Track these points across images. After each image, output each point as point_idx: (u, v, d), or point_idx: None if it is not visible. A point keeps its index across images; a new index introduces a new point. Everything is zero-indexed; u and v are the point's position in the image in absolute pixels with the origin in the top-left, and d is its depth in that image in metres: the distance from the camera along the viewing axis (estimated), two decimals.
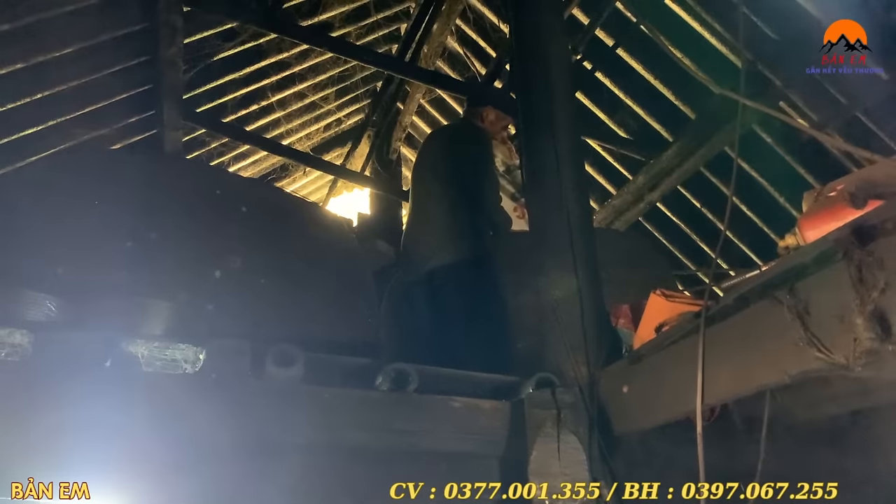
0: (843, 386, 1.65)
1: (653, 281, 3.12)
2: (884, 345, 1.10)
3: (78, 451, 1.48)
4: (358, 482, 1.74)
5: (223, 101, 4.68)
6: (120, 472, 1.50)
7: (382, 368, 1.81)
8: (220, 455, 1.59)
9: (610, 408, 1.88)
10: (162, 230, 2.22)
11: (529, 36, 2.63)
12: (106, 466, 1.48)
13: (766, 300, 1.35)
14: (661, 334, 1.77)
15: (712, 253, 4.61)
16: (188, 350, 1.59)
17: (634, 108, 4.44)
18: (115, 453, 1.49)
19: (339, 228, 2.90)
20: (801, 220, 1.53)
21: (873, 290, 1.13)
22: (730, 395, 1.49)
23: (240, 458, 1.61)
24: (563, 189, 2.29)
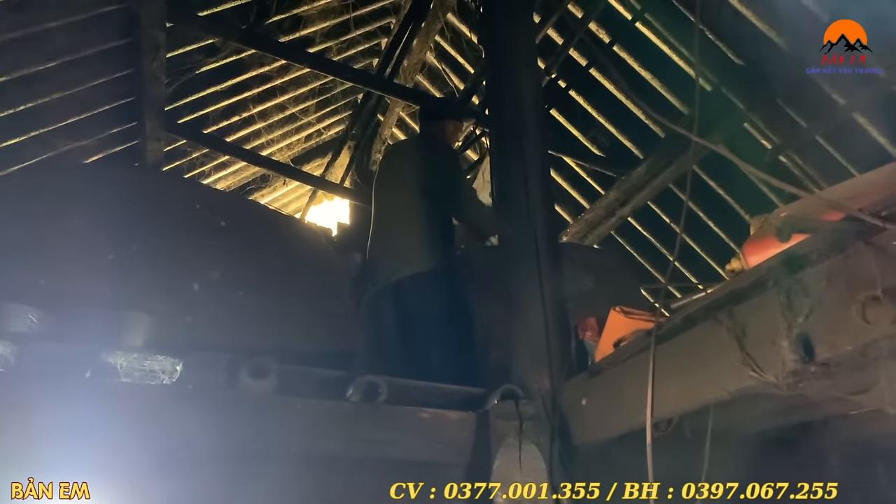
0: (791, 400, 1.72)
1: (621, 295, 3.23)
2: (807, 366, 1.20)
3: (59, 458, 1.54)
4: (330, 489, 1.81)
5: (205, 112, 4.75)
6: (99, 478, 1.56)
7: (354, 380, 1.89)
8: (198, 462, 1.66)
9: (570, 419, 1.98)
10: (142, 243, 2.28)
11: (502, 63, 2.73)
12: (85, 472, 1.54)
13: (709, 321, 1.45)
14: (617, 350, 1.86)
15: (681, 267, 4.74)
16: (166, 361, 1.65)
17: (607, 125, 4.57)
18: (94, 459, 1.56)
19: (315, 241, 2.97)
20: (746, 246, 1.64)
21: (799, 315, 1.23)
22: (678, 409, 1.58)
23: (217, 465, 1.68)
24: (530, 208, 2.39)
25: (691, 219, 4.50)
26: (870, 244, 1.12)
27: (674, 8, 3.53)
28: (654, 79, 4.04)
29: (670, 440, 1.95)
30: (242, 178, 6.07)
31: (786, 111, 3.51)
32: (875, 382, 1.20)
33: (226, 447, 1.71)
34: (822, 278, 1.20)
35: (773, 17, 3.34)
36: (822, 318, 1.19)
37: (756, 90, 3.51)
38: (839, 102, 3.31)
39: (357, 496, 1.85)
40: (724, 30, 3.53)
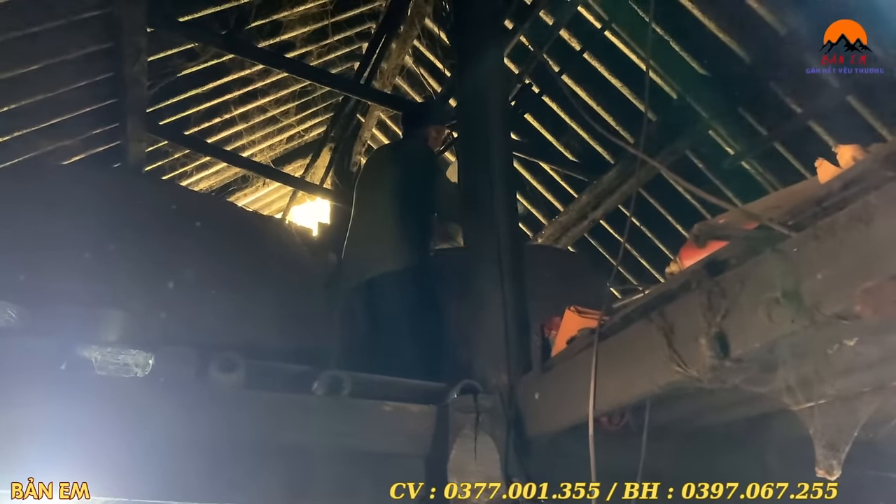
0: (733, 395, 1.81)
1: (589, 295, 3.34)
2: (723, 362, 1.31)
3: (35, 448, 1.63)
4: (295, 478, 1.91)
5: (186, 114, 4.82)
6: (74, 467, 1.65)
7: (319, 375, 1.99)
8: (171, 452, 1.75)
9: (524, 412, 2.09)
10: (119, 243, 2.37)
11: (471, 69, 2.83)
12: (61, 461, 1.63)
13: (644, 320, 1.56)
14: (568, 346, 1.97)
15: (651, 269, 4.88)
16: (139, 355, 1.74)
17: (579, 131, 4.69)
18: (70, 449, 1.65)
19: (290, 241, 3.07)
20: (682, 250, 1.75)
21: (718, 314, 1.35)
22: (617, 402, 1.69)
23: (188, 455, 1.77)
24: (495, 211, 2.50)
25: (658, 221, 4.64)
26: (776, 251, 1.23)
27: (640, 17, 3.65)
28: (623, 87, 4.17)
29: (621, 434, 2.07)
30: (224, 179, 6.14)
31: (747, 119, 3.64)
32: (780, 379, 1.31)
33: (197, 438, 1.80)
34: (737, 281, 1.31)
35: (736, 29, 3.47)
36: (736, 317, 1.30)
37: (719, 99, 3.64)
38: (797, 111, 3.45)
39: (322, 484, 1.95)
40: (689, 41, 3.65)
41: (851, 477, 1.37)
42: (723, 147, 3.89)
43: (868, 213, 1.02)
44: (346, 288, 3.11)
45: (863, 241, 1.03)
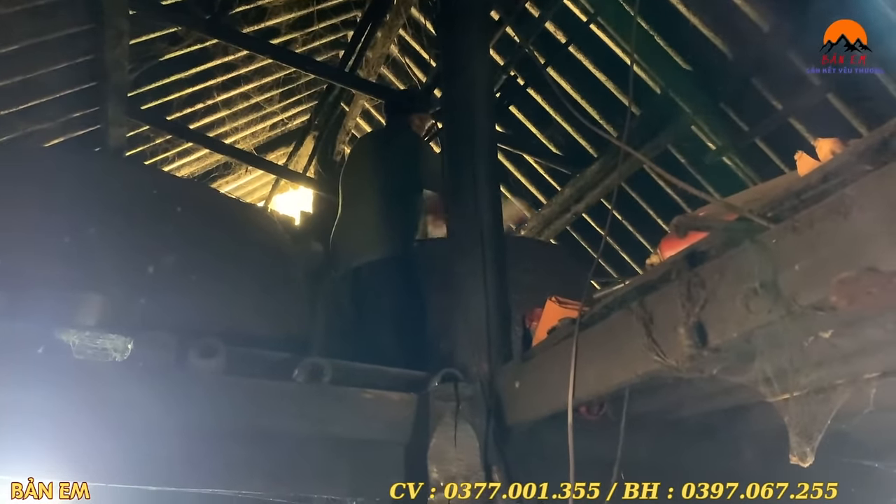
0: (711, 385, 1.83)
1: (570, 287, 3.37)
2: (701, 351, 1.33)
3: (10, 431, 1.61)
4: (275, 464, 1.91)
5: (168, 99, 4.77)
6: (50, 451, 1.64)
7: (300, 362, 1.99)
8: (150, 437, 1.74)
9: (504, 401, 2.10)
10: (99, 227, 2.34)
11: (456, 60, 2.83)
12: (38, 445, 1.62)
13: (624, 310, 1.58)
14: (548, 336, 1.99)
15: (632, 262, 4.92)
16: (117, 340, 1.73)
17: (563, 124, 4.71)
18: (46, 433, 1.64)
19: (272, 229, 3.05)
20: (663, 242, 1.77)
21: (697, 305, 1.36)
22: (596, 391, 1.70)
23: (168, 440, 1.76)
24: (478, 203, 2.50)
25: (639, 215, 4.68)
26: (755, 242, 1.25)
27: (625, 11, 3.67)
28: (608, 80, 4.19)
29: (600, 423, 2.09)
30: (206, 165, 6.09)
31: (729, 115, 3.68)
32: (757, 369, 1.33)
33: (176, 423, 1.79)
34: (716, 272, 1.33)
35: (719, 25, 3.50)
36: (715, 307, 1.31)
37: (702, 94, 3.67)
38: (777, 108, 3.49)
39: (301, 471, 1.95)
40: (673, 36, 3.68)
41: (824, 464, 1.39)
42: (704, 142, 3.93)
43: (845, 206, 1.04)
44: (333, 276, 3.12)
45: (840, 233, 1.04)
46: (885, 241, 0.97)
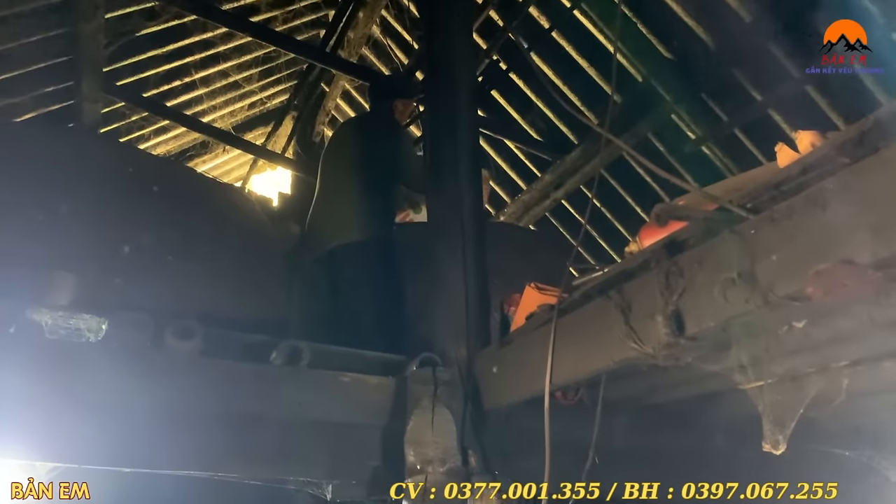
0: (686, 373, 1.85)
1: (549, 273, 3.38)
2: (677, 339, 1.34)
3: None
4: (251, 446, 1.91)
5: (145, 75, 4.68)
6: (22, 432, 1.62)
7: (278, 345, 1.98)
8: (124, 419, 1.72)
9: (482, 385, 2.12)
10: (73, 205, 2.30)
11: (439, 44, 2.81)
12: (9, 426, 1.60)
13: (603, 298, 1.59)
14: (527, 322, 2.00)
15: (610, 250, 4.95)
16: (91, 320, 1.71)
17: (544, 109, 4.71)
18: (17, 413, 1.61)
19: (250, 210, 3.02)
20: (643, 230, 1.78)
21: (674, 293, 1.37)
22: (573, 377, 1.72)
23: (142, 422, 1.75)
24: (460, 188, 2.50)
25: (618, 203, 4.71)
26: (734, 232, 1.26)
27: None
28: (590, 67, 4.18)
29: (576, 409, 2.11)
30: (182, 144, 6.00)
31: (709, 105, 3.70)
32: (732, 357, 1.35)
33: (151, 405, 1.78)
34: (694, 261, 1.34)
35: (702, 15, 3.51)
36: (692, 296, 1.33)
37: (683, 83, 3.69)
38: (757, 99, 3.51)
39: (277, 453, 1.95)
40: (656, 24, 3.68)
41: (796, 452, 1.42)
42: (684, 131, 3.95)
43: (823, 198, 1.05)
44: (309, 258, 3.10)
45: (817, 225, 1.06)
46: (861, 234, 0.98)
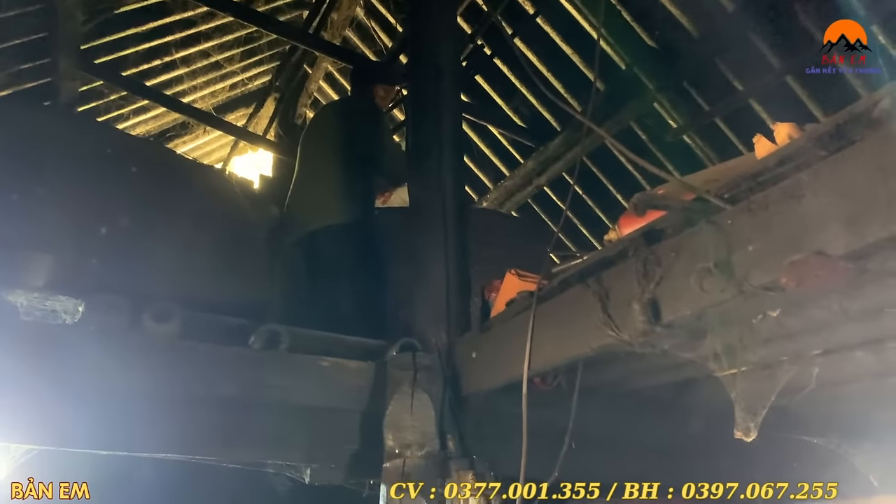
0: (662, 360, 1.87)
1: (530, 260, 3.40)
2: (654, 327, 1.36)
3: None
4: (229, 429, 1.91)
5: (124, 54, 4.61)
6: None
7: (257, 328, 1.98)
8: (101, 401, 1.71)
9: (461, 370, 2.13)
10: (49, 185, 2.27)
11: (424, 27, 2.79)
12: None
13: (581, 285, 1.60)
14: (507, 308, 2.01)
15: (590, 237, 4.98)
16: (67, 302, 1.69)
17: (528, 96, 4.70)
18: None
19: (230, 192, 3.00)
20: (622, 219, 1.80)
21: (652, 282, 1.39)
22: (551, 363, 1.73)
23: (119, 405, 1.74)
24: (442, 173, 2.49)
25: (599, 190, 4.73)
26: (711, 222, 1.27)
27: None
28: (573, 53, 4.18)
29: (553, 394, 2.13)
30: (162, 124, 5.93)
31: (691, 94, 3.72)
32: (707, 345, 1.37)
33: (129, 387, 1.77)
34: (672, 251, 1.35)
35: (686, 4, 3.52)
36: (669, 285, 1.34)
37: (666, 72, 3.70)
38: (738, 89, 3.53)
39: (256, 436, 1.95)
40: (640, 12, 3.68)
41: (767, 439, 1.44)
42: (666, 120, 3.96)
43: (799, 190, 1.06)
44: (288, 240, 3.08)
45: (793, 216, 1.07)
46: (835, 226, 1.00)
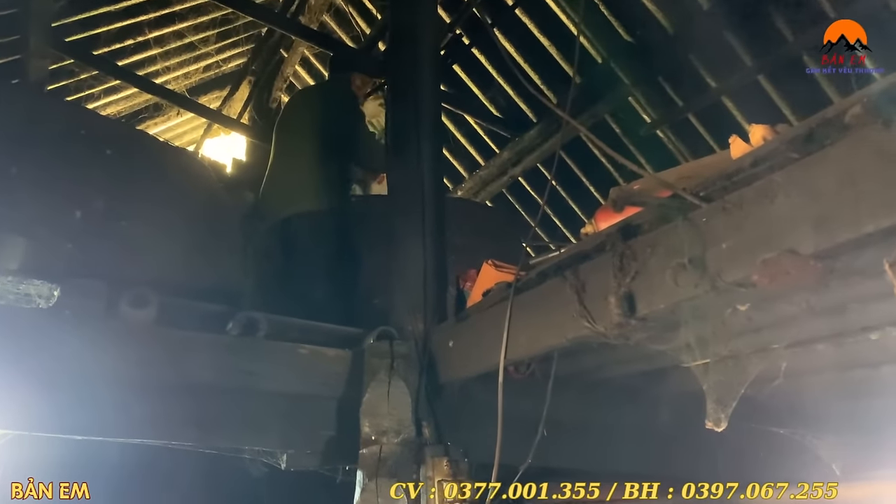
0: (634, 351, 1.90)
1: (505, 250, 3.43)
2: (629, 320, 1.40)
3: None
4: (206, 415, 1.91)
5: (96, 32, 4.52)
6: None
7: (235, 315, 1.98)
8: (75, 386, 1.70)
9: (438, 359, 2.15)
10: (22, 166, 2.23)
11: (403, 15, 2.79)
12: None
13: (558, 278, 1.63)
14: (484, 298, 2.04)
15: (564, 228, 5.03)
16: (42, 286, 1.67)
17: (505, 86, 4.72)
18: None
19: (205, 176, 2.97)
20: (598, 213, 1.83)
21: (627, 276, 1.42)
22: (527, 353, 1.76)
23: (94, 390, 1.73)
24: (420, 161, 2.50)
25: (574, 183, 4.77)
26: (686, 219, 1.31)
27: None
28: (551, 46, 4.21)
29: (528, 383, 2.16)
30: (134, 105, 5.83)
31: (665, 89, 3.77)
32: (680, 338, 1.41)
33: (105, 373, 1.76)
34: (647, 246, 1.39)
35: (662, 0, 3.56)
36: (645, 279, 1.38)
37: (641, 67, 3.75)
38: (711, 85, 3.60)
39: (232, 422, 1.96)
40: (617, 6, 3.72)
41: (737, 430, 1.49)
42: (640, 114, 4.02)
43: (773, 191, 1.10)
44: (263, 226, 3.07)
45: (766, 216, 1.11)
46: (805, 226, 1.04)
